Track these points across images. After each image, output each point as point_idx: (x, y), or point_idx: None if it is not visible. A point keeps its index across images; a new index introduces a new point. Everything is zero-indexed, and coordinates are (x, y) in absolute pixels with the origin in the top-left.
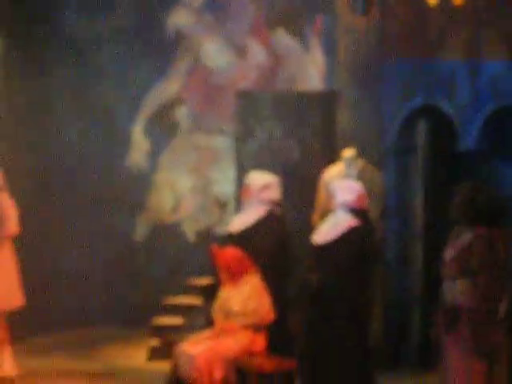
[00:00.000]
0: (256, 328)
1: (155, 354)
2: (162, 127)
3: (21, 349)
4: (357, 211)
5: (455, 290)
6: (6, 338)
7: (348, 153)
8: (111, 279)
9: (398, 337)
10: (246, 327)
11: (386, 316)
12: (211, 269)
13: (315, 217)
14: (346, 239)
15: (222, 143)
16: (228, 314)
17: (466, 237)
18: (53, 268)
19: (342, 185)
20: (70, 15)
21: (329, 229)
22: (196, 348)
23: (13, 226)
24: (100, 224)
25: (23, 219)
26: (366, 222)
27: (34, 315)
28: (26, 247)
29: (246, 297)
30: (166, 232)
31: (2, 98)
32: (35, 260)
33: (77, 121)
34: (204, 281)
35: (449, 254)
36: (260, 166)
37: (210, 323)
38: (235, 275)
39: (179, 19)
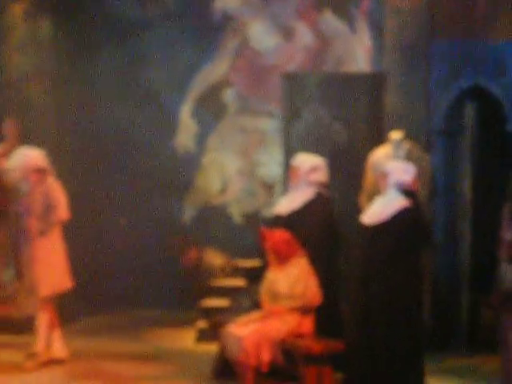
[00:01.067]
0: (303, 311)
1: (203, 336)
2: (210, 109)
3: (70, 330)
4: (407, 192)
5: None
6: (55, 320)
7: (396, 135)
8: (160, 261)
9: (447, 316)
10: (294, 310)
11: (435, 295)
12: (258, 251)
13: (362, 198)
14: (399, 219)
15: (269, 125)
16: (275, 297)
17: None
18: (102, 250)
19: (398, 166)
20: None
21: (381, 209)
22: (243, 330)
23: (63, 211)
24: (148, 205)
25: (71, 202)
26: (416, 203)
27: (84, 297)
28: (75, 230)
29: (294, 280)
30: (213, 214)
31: (49, 80)
32: (84, 242)
33: (124, 102)
34: (250, 263)
35: (507, 236)
36: (307, 148)
37: (256, 305)
38: (283, 258)
39: (227, 2)
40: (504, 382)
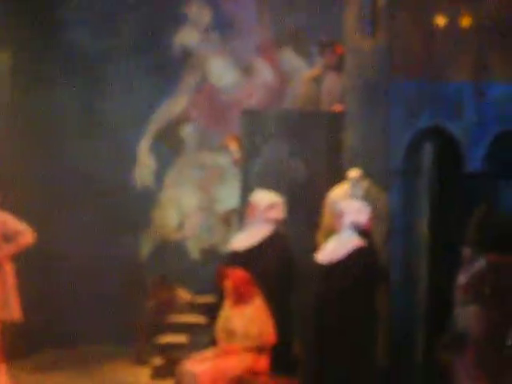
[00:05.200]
0: (259, 349)
1: (159, 373)
2: (169, 145)
3: (22, 366)
4: (362, 232)
5: (466, 316)
6: (1, 356)
7: (354, 173)
8: (117, 297)
9: (403, 357)
10: (249, 348)
11: (391, 335)
12: (215, 287)
13: (320, 236)
14: (353, 259)
15: (228, 161)
16: (231, 335)
17: (478, 263)
18: (57, 285)
19: (353, 206)
20: (77, 31)
21: (336, 248)
22: (200, 366)
23: (27, 235)
24: (106, 241)
25: None
26: (371, 243)
27: (37, 332)
28: (31, 265)
29: (249, 319)
30: (170, 250)
31: (6, 112)
32: (40, 277)
33: (83, 137)
34: (208, 299)
35: (461, 280)
36: (265, 184)
37: (213, 342)
38: (241, 297)
39: (186, 37)
40: None
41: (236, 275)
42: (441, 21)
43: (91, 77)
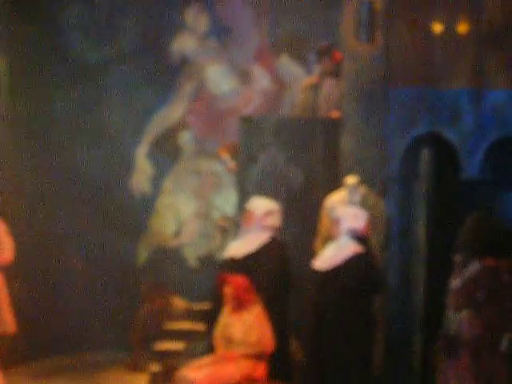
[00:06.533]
0: (257, 357)
1: (156, 379)
2: (166, 152)
3: (21, 373)
4: (359, 238)
5: (460, 320)
6: None
7: (351, 180)
8: (114, 303)
9: (399, 361)
10: (248, 356)
11: (388, 340)
12: (212, 294)
13: (317, 243)
14: (351, 265)
15: (225, 168)
16: (229, 342)
17: (473, 268)
18: (54, 292)
19: (350, 212)
20: (75, 38)
21: (333, 255)
22: (197, 373)
23: (7, 253)
24: (102, 247)
25: (24, 243)
26: (368, 249)
27: (35, 339)
28: (28, 271)
29: (248, 326)
30: (167, 256)
31: (5, 119)
32: (37, 283)
33: (80, 144)
34: (205, 306)
35: (455, 284)
36: (263, 191)
37: (211, 349)
38: (241, 303)
39: (184, 44)
40: None
41: (237, 282)
42: (438, 27)
43: (90, 84)
